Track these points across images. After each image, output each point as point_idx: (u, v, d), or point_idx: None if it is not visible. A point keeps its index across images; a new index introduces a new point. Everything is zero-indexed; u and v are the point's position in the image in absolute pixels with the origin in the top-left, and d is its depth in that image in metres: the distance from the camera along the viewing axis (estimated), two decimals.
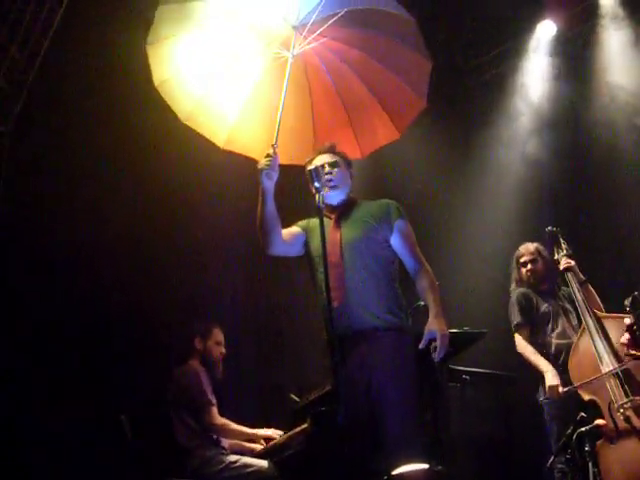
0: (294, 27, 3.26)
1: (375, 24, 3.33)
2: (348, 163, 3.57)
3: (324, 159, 3.49)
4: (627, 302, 3.82)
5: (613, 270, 5.39)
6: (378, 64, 3.43)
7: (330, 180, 3.42)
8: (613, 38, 5.92)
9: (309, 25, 3.21)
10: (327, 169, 3.44)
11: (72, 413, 4.72)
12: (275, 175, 3.20)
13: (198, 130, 3.50)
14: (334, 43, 3.33)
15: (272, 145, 3.18)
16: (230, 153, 3.59)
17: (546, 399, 4.29)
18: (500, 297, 4.92)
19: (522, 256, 4.73)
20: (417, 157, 6.31)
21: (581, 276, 4.45)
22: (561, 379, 4.24)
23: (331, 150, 3.52)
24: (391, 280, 3.39)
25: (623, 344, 3.88)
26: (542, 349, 4.44)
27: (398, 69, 3.44)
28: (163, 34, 3.32)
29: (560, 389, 4.12)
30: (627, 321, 3.83)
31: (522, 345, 4.49)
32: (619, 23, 5.88)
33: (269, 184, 3.21)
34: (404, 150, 6.18)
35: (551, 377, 4.22)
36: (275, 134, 3.19)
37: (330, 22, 3.19)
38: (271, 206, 3.26)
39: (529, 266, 4.68)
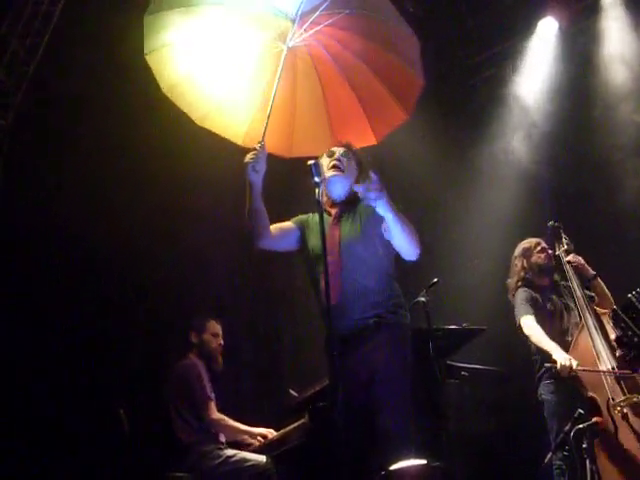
0: (291, 19, 3.28)
1: (363, 7, 3.33)
2: (359, 162, 3.54)
3: (339, 150, 3.49)
4: (609, 315, 3.86)
5: (615, 265, 5.38)
6: (378, 47, 3.43)
7: (336, 166, 3.42)
8: (614, 34, 5.91)
9: (304, 15, 3.23)
10: (336, 155, 3.45)
11: (70, 407, 4.73)
12: (261, 169, 3.20)
13: (215, 131, 3.50)
14: (333, 30, 3.33)
15: (259, 142, 3.18)
16: (235, 150, 3.56)
17: (556, 374, 4.20)
18: (499, 294, 4.91)
19: (538, 244, 4.72)
20: (417, 154, 6.31)
21: (591, 271, 4.45)
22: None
23: (347, 147, 3.52)
24: (390, 277, 3.37)
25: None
26: (527, 338, 4.42)
27: (394, 49, 3.44)
28: (160, 42, 3.33)
29: (574, 365, 4.04)
30: (612, 337, 3.91)
31: (530, 326, 4.40)
32: (620, 19, 5.88)
33: (255, 178, 3.20)
34: (404, 146, 6.19)
35: (560, 355, 4.12)
36: (264, 129, 3.20)
37: (321, 9, 3.20)
38: (257, 200, 3.25)
39: (550, 251, 4.67)
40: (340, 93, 3.52)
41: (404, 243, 3.21)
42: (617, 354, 3.92)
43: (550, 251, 4.68)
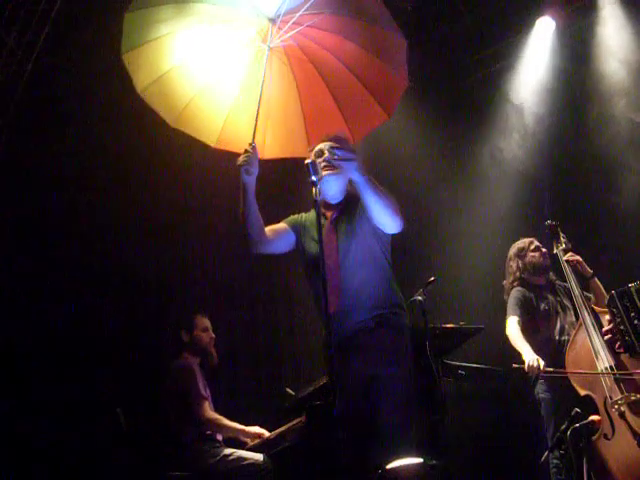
0: (270, 19, 3.25)
1: (347, 7, 3.30)
2: (352, 153, 3.41)
3: (326, 145, 3.37)
4: (606, 300, 3.90)
5: (614, 261, 5.39)
6: (357, 47, 3.38)
7: (327, 166, 3.30)
8: (611, 33, 5.92)
9: (283, 15, 3.21)
10: (326, 154, 3.32)
11: (68, 407, 4.72)
12: (254, 171, 3.15)
13: (188, 132, 3.44)
14: (312, 31, 3.30)
15: (250, 143, 3.14)
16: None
17: (528, 375, 4.28)
18: (496, 293, 4.92)
19: (531, 243, 4.76)
20: (416, 152, 6.31)
21: (589, 270, 4.47)
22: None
23: (336, 138, 3.41)
24: (388, 278, 3.35)
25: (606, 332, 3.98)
26: (543, 346, 4.43)
27: (376, 50, 3.39)
28: (138, 41, 3.27)
29: (542, 366, 4.13)
30: (607, 317, 3.95)
31: (509, 327, 4.48)
32: (617, 18, 5.89)
33: (248, 180, 3.15)
34: (403, 145, 6.20)
35: (528, 356, 4.22)
36: (253, 130, 3.16)
37: (303, 9, 3.17)
38: (251, 203, 3.19)
39: (544, 250, 4.70)
40: (316, 93, 3.47)
41: (381, 212, 3.15)
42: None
43: (544, 249, 4.71)
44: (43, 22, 4.99)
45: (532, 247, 4.74)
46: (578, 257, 4.48)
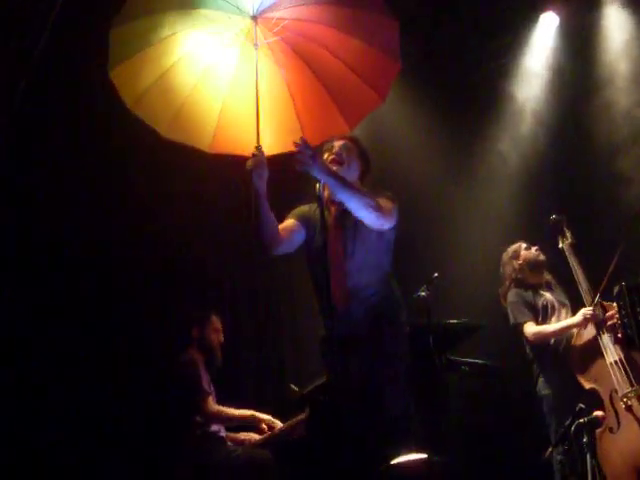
0: (252, 17, 3.23)
1: None
2: (362, 153, 3.52)
3: (337, 143, 3.45)
4: (615, 291, 3.91)
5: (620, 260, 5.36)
6: (341, 34, 3.34)
7: (334, 160, 3.38)
8: (616, 28, 5.91)
9: (264, 11, 3.20)
10: (335, 149, 3.41)
11: (69, 407, 4.73)
12: (265, 174, 3.13)
13: (181, 141, 3.42)
14: (294, 23, 3.28)
15: (255, 146, 3.13)
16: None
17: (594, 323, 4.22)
18: (500, 289, 4.91)
19: (521, 245, 4.75)
20: (418, 148, 6.30)
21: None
22: (562, 369, 4.27)
23: (347, 138, 3.49)
24: (389, 275, 3.36)
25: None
26: (541, 342, 4.44)
27: (363, 34, 3.34)
28: (123, 55, 3.24)
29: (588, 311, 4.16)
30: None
31: (538, 329, 4.43)
32: (621, 13, 5.88)
33: (260, 184, 3.12)
34: (404, 142, 6.19)
35: (576, 317, 4.24)
36: (256, 132, 3.15)
37: (284, 3, 3.17)
38: (264, 206, 3.18)
39: (535, 247, 4.69)
40: (306, 85, 3.44)
41: (357, 212, 3.19)
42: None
43: (534, 247, 4.69)
44: (44, 24, 4.96)
45: (524, 246, 4.74)
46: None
